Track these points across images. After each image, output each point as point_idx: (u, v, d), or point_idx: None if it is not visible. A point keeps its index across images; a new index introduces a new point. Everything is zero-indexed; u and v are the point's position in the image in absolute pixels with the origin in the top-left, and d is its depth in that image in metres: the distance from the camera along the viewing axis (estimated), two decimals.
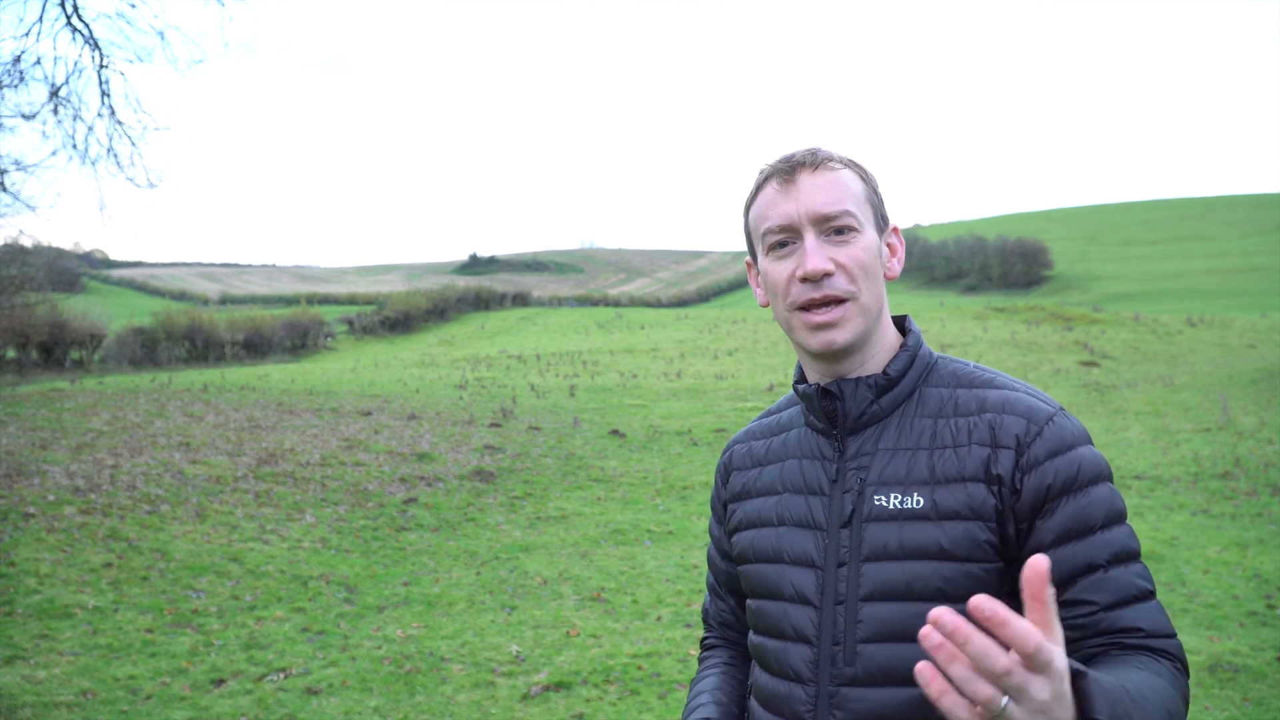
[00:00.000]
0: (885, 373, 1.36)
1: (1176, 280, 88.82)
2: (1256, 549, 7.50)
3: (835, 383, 1.37)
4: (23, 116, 11.83)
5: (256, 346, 52.18)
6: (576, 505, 10.21)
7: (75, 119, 12.15)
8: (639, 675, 5.31)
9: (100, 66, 12.27)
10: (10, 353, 35.94)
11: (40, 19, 11.73)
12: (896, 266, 1.40)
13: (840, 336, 1.32)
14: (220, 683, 5.33)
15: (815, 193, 1.32)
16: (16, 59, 11.56)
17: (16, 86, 11.64)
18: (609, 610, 6.59)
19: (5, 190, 12.55)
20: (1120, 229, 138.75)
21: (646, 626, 6.19)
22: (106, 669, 5.44)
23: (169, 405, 15.62)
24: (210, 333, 49.61)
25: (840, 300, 1.32)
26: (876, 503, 1.30)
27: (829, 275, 1.31)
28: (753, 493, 1.46)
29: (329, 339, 57.97)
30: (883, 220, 1.39)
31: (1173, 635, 1.24)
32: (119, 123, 12.44)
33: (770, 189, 1.36)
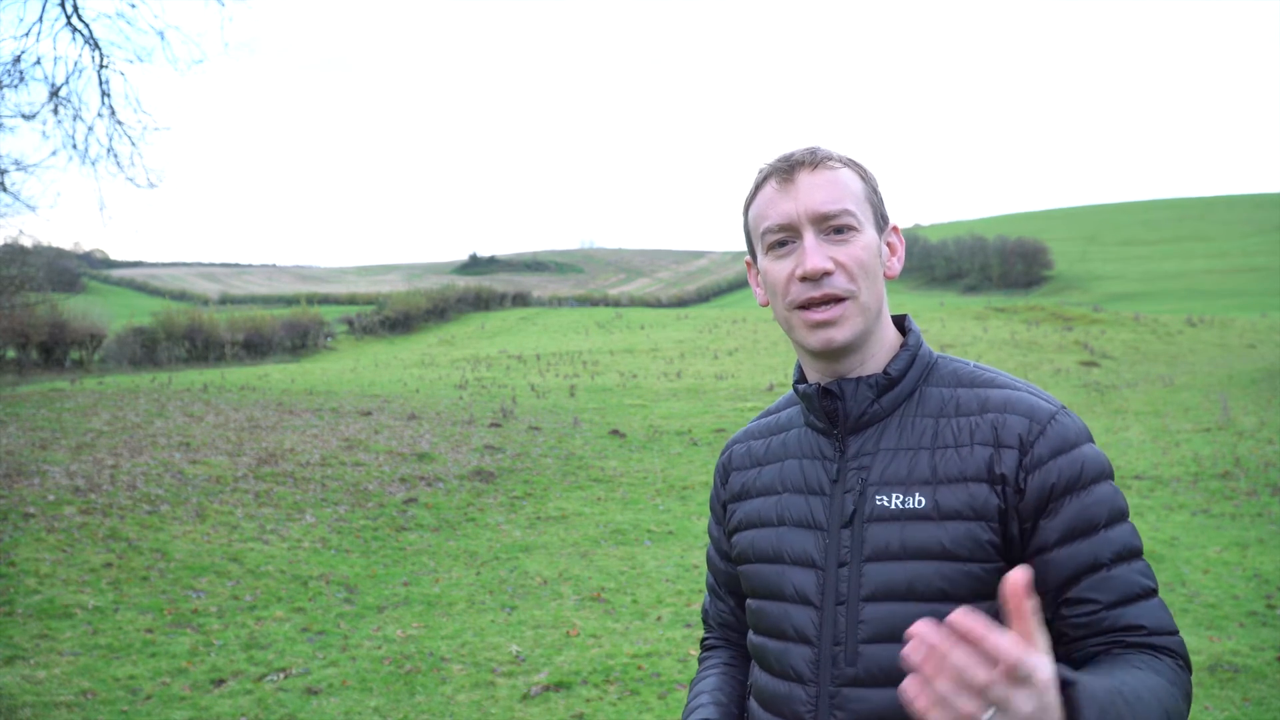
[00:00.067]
0: (886, 372, 1.35)
1: (1176, 280, 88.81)
2: (1256, 549, 7.50)
3: (836, 382, 1.36)
4: (23, 116, 11.84)
5: (256, 346, 52.19)
6: (576, 505, 10.20)
7: (75, 119, 12.16)
8: (639, 675, 5.31)
9: (100, 66, 12.27)
10: (10, 353, 35.95)
11: (40, 19, 11.73)
12: (896, 265, 1.40)
13: (840, 334, 1.32)
14: (220, 683, 5.33)
15: (814, 192, 1.32)
16: (16, 59, 11.56)
17: (16, 86, 11.65)
18: (609, 610, 6.59)
19: (5, 190, 12.56)
20: (1120, 229, 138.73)
21: (646, 626, 6.19)
22: (106, 669, 5.44)
23: (169, 405, 15.62)
24: (210, 333, 49.62)
25: (840, 299, 1.31)
26: (878, 503, 1.30)
27: (829, 274, 1.31)
28: (752, 493, 1.46)
29: (329, 339, 57.98)
30: (882, 219, 1.39)
31: (1175, 632, 1.25)
32: (119, 123, 12.45)
33: (769, 188, 1.36)
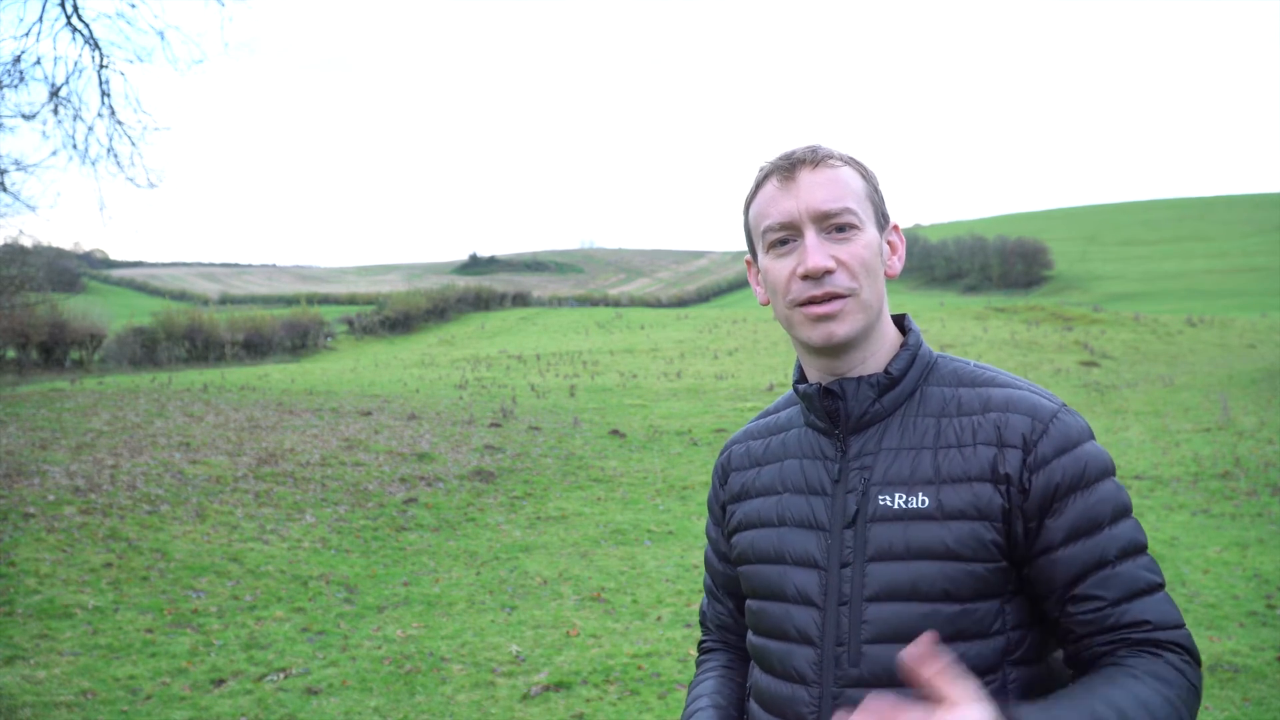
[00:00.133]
0: (887, 371, 1.35)
1: (1176, 280, 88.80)
2: (1256, 549, 7.50)
3: (837, 382, 1.36)
4: (23, 116, 11.84)
5: (256, 346, 52.18)
6: (576, 505, 10.20)
7: (75, 119, 12.17)
8: (639, 675, 5.31)
9: (100, 66, 12.27)
10: (10, 353, 35.94)
11: (40, 19, 11.73)
12: (897, 264, 1.40)
13: (841, 329, 1.31)
14: (220, 683, 5.32)
15: (816, 190, 1.32)
16: (16, 59, 11.57)
17: (16, 86, 11.65)
18: (609, 610, 6.59)
19: (5, 190, 12.56)
20: (1120, 229, 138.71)
21: (646, 626, 6.19)
22: (106, 669, 5.44)
23: (169, 405, 15.62)
24: (210, 333, 49.61)
25: (841, 297, 1.31)
26: (881, 503, 1.30)
27: (830, 272, 1.30)
28: (752, 493, 1.45)
29: (329, 339, 57.97)
30: (883, 218, 1.39)
31: (1180, 626, 1.24)
32: (119, 123, 12.45)
33: (771, 186, 1.36)
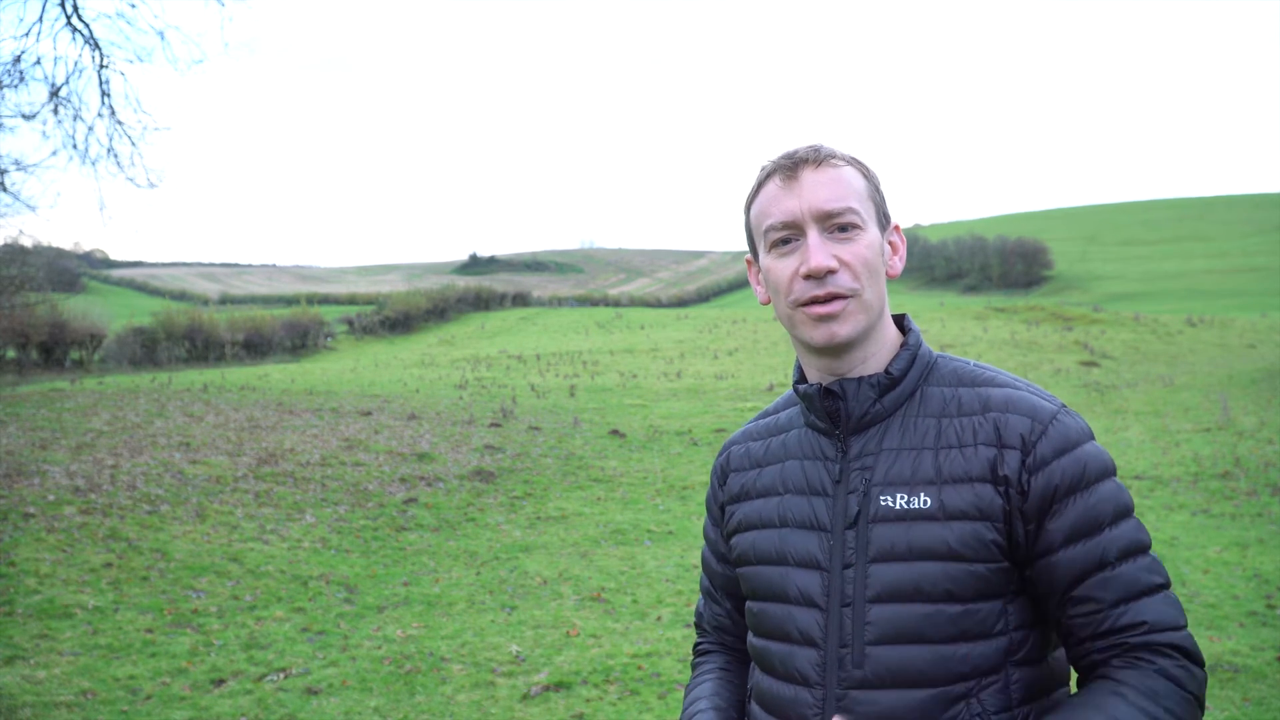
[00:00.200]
0: (888, 371, 1.35)
1: (1176, 280, 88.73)
2: (1256, 549, 7.50)
3: (837, 382, 1.36)
4: (23, 116, 11.84)
5: (256, 346, 52.13)
6: (576, 505, 10.20)
7: (75, 119, 12.16)
8: (639, 675, 5.31)
9: (100, 66, 12.27)
10: (10, 353, 35.91)
11: (40, 19, 11.73)
12: (898, 264, 1.40)
13: (843, 330, 1.31)
14: (220, 683, 5.32)
15: (818, 189, 1.32)
16: (16, 59, 11.57)
17: (16, 86, 11.66)
18: (609, 610, 6.59)
19: (5, 190, 12.56)
20: (1120, 229, 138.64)
21: (646, 626, 6.19)
22: (106, 669, 5.44)
23: (169, 405, 15.62)
24: (210, 333, 49.56)
25: (843, 297, 1.31)
26: (883, 503, 1.30)
27: (832, 272, 1.30)
28: (752, 494, 1.45)
29: (329, 339, 57.92)
30: (885, 218, 1.39)
31: (1180, 627, 1.24)
32: (119, 123, 12.45)
33: (773, 185, 1.36)
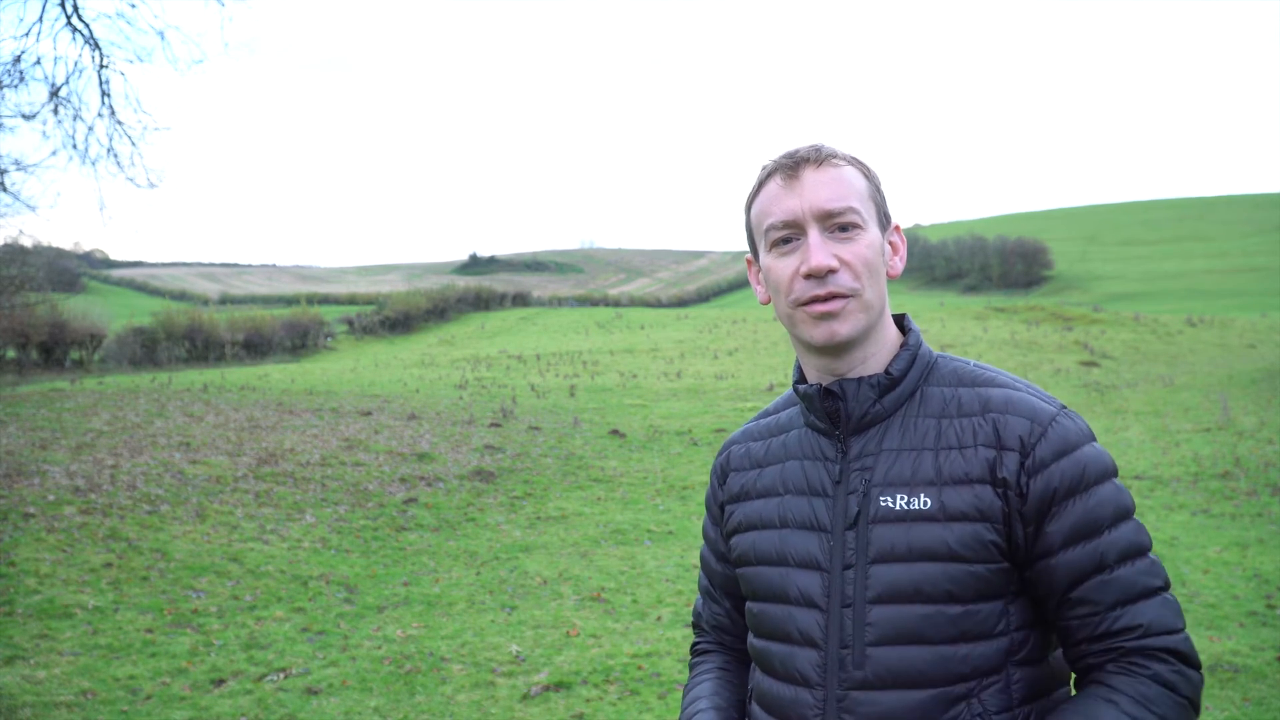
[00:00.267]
0: (888, 372, 1.35)
1: (1176, 280, 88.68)
2: (1256, 549, 7.50)
3: (838, 382, 1.36)
4: (23, 116, 11.84)
5: (256, 346, 52.10)
6: (576, 505, 10.20)
7: (75, 119, 12.16)
8: (639, 675, 5.31)
9: (100, 66, 12.27)
10: (10, 353, 35.89)
11: (40, 19, 11.73)
12: (899, 264, 1.40)
13: (843, 328, 1.31)
14: (220, 683, 5.32)
15: (819, 189, 1.32)
16: (16, 59, 11.57)
17: (16, 86, 11.65)
18: (609, 610, 6.59)
19: (5, 190, 12.56)
20: (1120, 229, 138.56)
21: (646, 626, 6.19)
22: (106, 669, 5.44)
23: (169, 405, 15.62)
24: (210, 333, 49.52)
25: (844, 297, 1.31)
26: (883, 504, 1.30)
27: (833, 272, 1.30)
28: (752, 494, 1.45)
29: (329, 339, 57.87)
30: (885, 218, 1.39)
31: (1177, 630, 1.24)
32: (119, 123, 12.45)
33: (774, 185, 1.36)
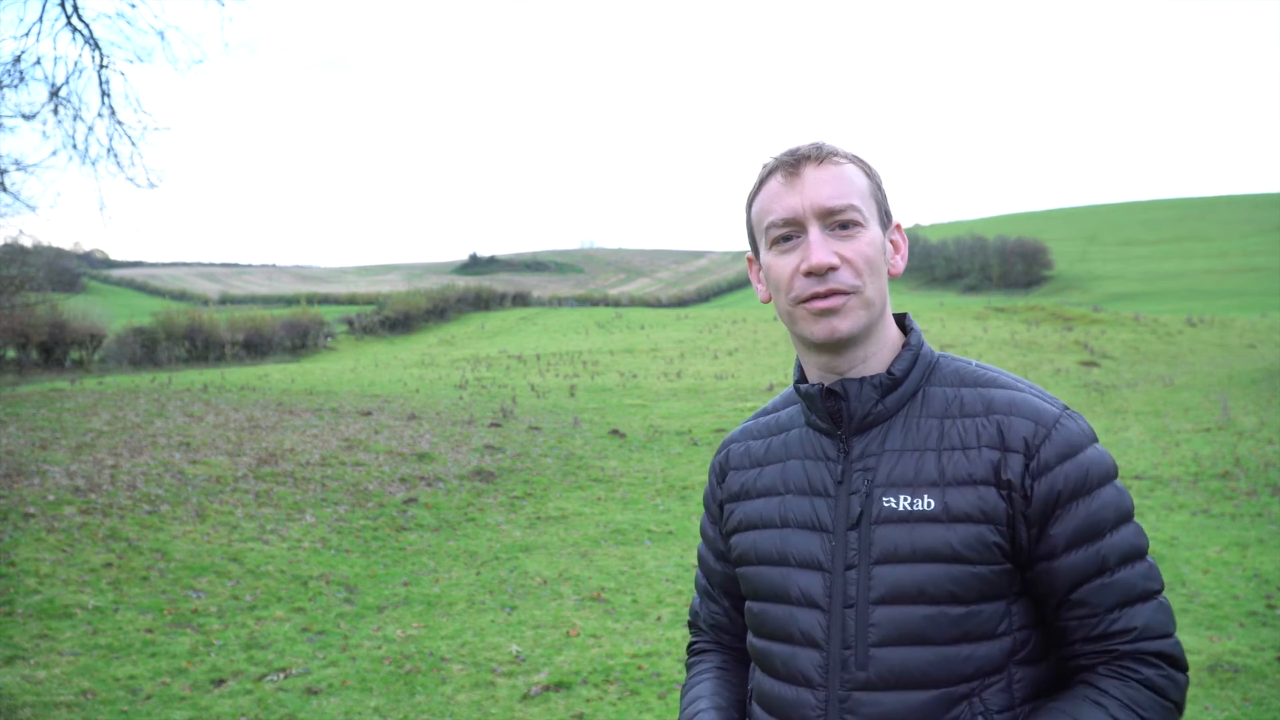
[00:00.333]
0: (890, 372, 1.35)
1: (1176, 280, 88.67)
2: (1256, 549, 7.50)
3: (840, 382, 1.35)
4: (23, 116, 11.84)
5: (256, 346, 52.08)
6: (576, 505, 10.20)
7: (75, 119, 12.16)
8: (639, 675, 5.31)
9: (100, 66, 12.27)
10: (10, 353, 35.89)
11: (40, 19, 11.73)
12: (900, 263, 1.39)
13: (844, 325, 1.31)
14: (220, 683, 5.32)
15: (820, 186, 1.31)
16: (16, 59, 11.57)
17: (16, 86, 11.65)
18: (609, 610, 6.58)
19: (5, 190, 12.56)
20: (1120, 229, 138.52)
21: (646, 626, 6.19)
22: (106, 669, 5.44)
23: (169, 405, 15.61)
24: (210, 333, 49.51)
25: (844, 294, 1.31)
26: (886, 504, 1.29)
27: (834, 269, 1.30)
28: (753, 493, 1.44)
29: (329, 339, 57.85)
30: (886, 216, 1.38)
31: (1169, 635, 1.25)
32: (119, 123, 12.45)
33: (774, 182, 1.35)
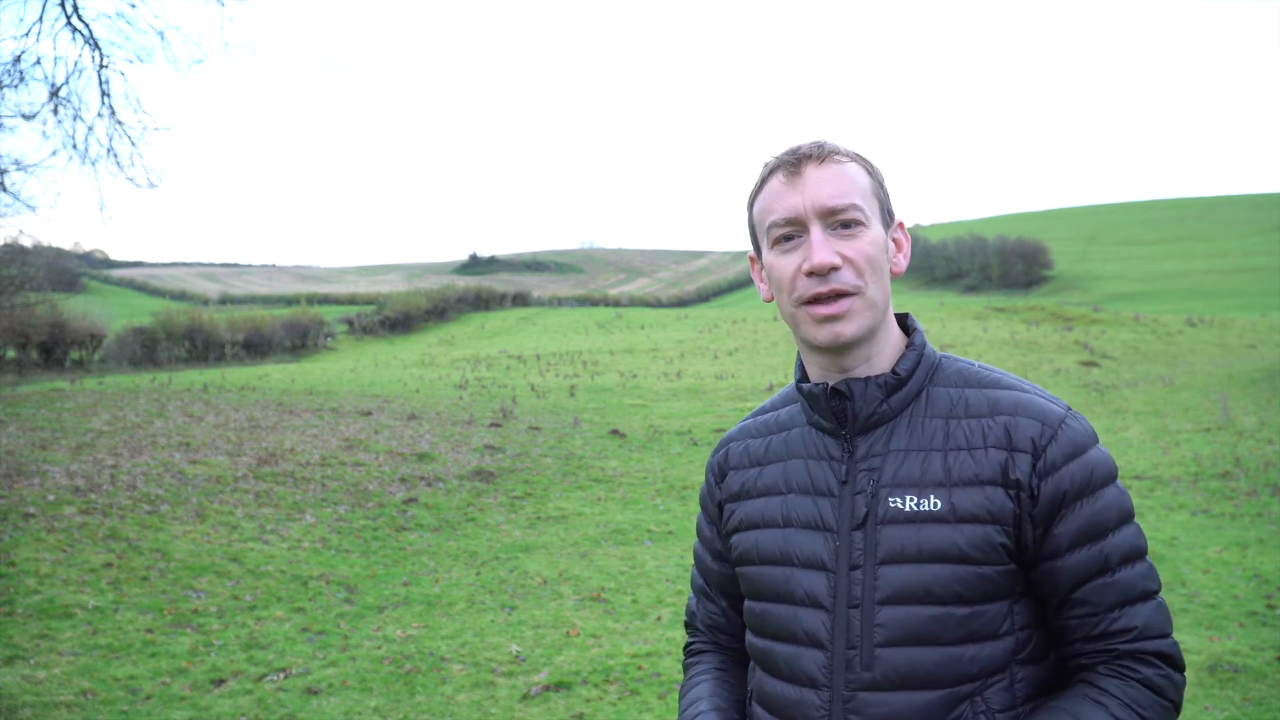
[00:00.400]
0: (894, 372, 1.34)
1: (1176, 280, 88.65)
2: (1256, 549, 7.49)
3: (844, 381, 1.35)
4: (23, 116, 11.83)
5: (256, 346, 52.07)
6: (576, 505, 10.20)
7: (75, 119, 12.16)
8: (639, 675, 5.30)
9: (100, 66, 12.26)
10: (10, 353, 35.88)
11: (40, 19, 11.72)
12: (902, 262, 1.39)
13: (848, 330, 1.30)
14: (220, 683, 5.32)
15: (822, 185, 1.31)
16: (16, 59, 11.56)
17: (16, 86, 11.65)
18: (609, 610, 6.58)
19: (5, 190, 12.56)
20: (1120, 229, 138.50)
21: (646, 626, 6.19)
22: (106, 669, 5.44)
23: (169, 405, 15.61)
24: (210, 333, 49.50)
25: (847, 294, 1.30)
26: (892, 505, 1.29)
27: (836, 269, 1.29)
28: (753, 493, 1.43)
29: (329, 339, 57.84)
30: (888, 215, 1.38)
31: (1167, 635, 1.26)
32: (119, 123, 12.44)
33: (776, 181, 1.35)
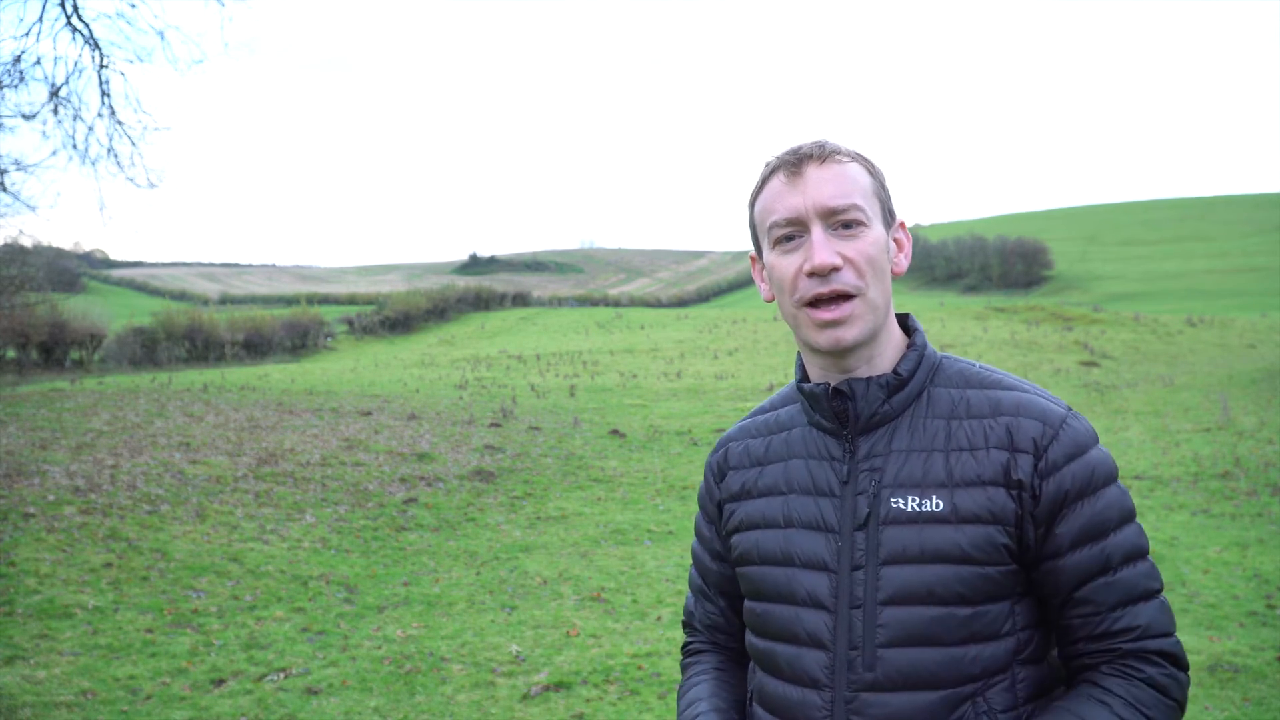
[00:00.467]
0: (896, 372, 1.34)
1: (1176, 280, 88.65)
2: (1256, 549, 7.50)
3: (846, 381, 1.34)
4: (23, 116, 11.84)
5: (256, 346, 52.06)
6: (576, 505, 10.20)
7: (75, 119, 12.16)
8: (639, 675, 5.30)
9: (100, 66, 12.27)
10: (10, 353, 35.87)
11: (40, 19, 11.73)
12: (903, 262, 1.39)
13: (849, 334, 1.30)
14: (220, 683, 5.32)
15: (823, 185, 1.30)
16: (16, 59, 11.56)
17: (16, 86, 11.65)
18: (609, 610, 6.58)
19: (5, 190, 12.56)
20: (1120, 229, 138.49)
21: (646, 626, 6.19)
22: (106, 669, 5.44)
23: (169, 405, 15.61)
24: (210, 333, 49.49)
25: (848, 296, 1.30)
26: (894, 505, 1.29)
27: (837, 270, 1.29)
28: (754, 493, 1.43)
29: (329, 339, 57.83)
30: (890, 215, 1.37)
31: (1170, 634, 1.26)
32: (119, 123, 12.45)
33: (777, 181, 1.34)
